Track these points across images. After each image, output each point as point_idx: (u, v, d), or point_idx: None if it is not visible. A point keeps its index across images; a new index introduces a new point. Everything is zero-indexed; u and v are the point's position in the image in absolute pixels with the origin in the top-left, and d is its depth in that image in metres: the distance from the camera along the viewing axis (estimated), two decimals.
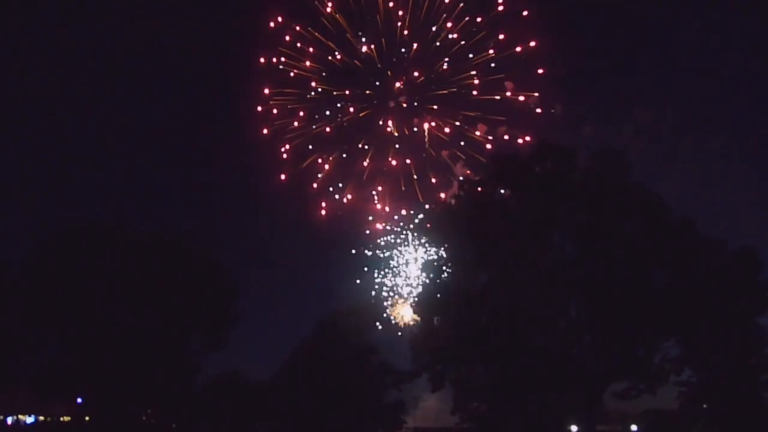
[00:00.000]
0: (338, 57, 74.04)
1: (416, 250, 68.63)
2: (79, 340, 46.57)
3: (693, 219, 41.07)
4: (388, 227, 72.49)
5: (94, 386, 46.94)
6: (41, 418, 58.31)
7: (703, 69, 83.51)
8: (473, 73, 71.82)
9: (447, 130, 73.01)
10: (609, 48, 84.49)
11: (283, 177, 74.66)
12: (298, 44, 74.50)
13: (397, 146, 73.97)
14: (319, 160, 75.08)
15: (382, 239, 72.31)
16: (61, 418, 56.57)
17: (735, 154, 76.12)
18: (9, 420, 57.00)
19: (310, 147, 75.26)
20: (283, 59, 74.53)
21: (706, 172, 72.89)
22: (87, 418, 50.98)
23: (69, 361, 46.83)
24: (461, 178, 57.82)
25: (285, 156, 74.90)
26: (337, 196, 74.58)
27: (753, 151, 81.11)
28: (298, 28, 74.55)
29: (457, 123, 72.75)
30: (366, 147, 74.38)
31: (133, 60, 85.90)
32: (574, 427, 44.97)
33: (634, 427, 52.34)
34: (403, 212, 72.42)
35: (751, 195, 71.42)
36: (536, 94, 70.74)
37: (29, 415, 58.29)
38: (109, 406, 47.78)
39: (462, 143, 72.66)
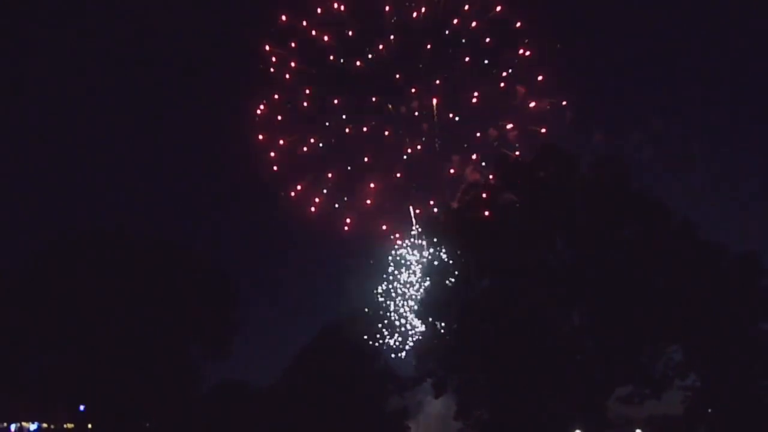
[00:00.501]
0: (342, 61, 69.42)
1: (420, 256, 67.86)
2: (80, 347, 46.56)
3: (695, 224, 41.08)
4: (394, 236, 70.84)
5: (96, 393, 46.89)
6: (44, 425, 58.17)
7: (707, 75, 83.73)
8: (502, 73, 67.44)
9: (465, 146, 68.88)
10: (616, 54, 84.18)
11: (282, 194, 70.23)
12: (293, 44, 69.87)
13: (404, 157, 70.12)
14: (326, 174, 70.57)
15: (386, 245, 71.28)
16: (64, 425, 56.46)
17: (738, 159, 76.13)
18: (12, 427, 56.88)
19: (315, 156, 70.78)
20: (274, 59, 70.01)
21: (710, 177, 72.87)
22: (90, 426, 50.94)
23: (71, 368, 46.84)
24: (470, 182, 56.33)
25: (281, 170, 69.96)
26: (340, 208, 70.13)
27: (757, 155, 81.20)
28: (304, 23, 69.22)
29: (478, 134, 68.82)
30: (373, 160, 69.75)
31: (132, 62, 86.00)
32: None
33: None
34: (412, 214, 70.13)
35: (754, 199, 71.55)
36: (564, 102, 66.77)
37: (32, 422, 58.15)
38: (112, 414, 47.70)
39: (475, 156, 68.43)
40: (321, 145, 71.40)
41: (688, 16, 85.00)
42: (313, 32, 70.38)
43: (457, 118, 69.44)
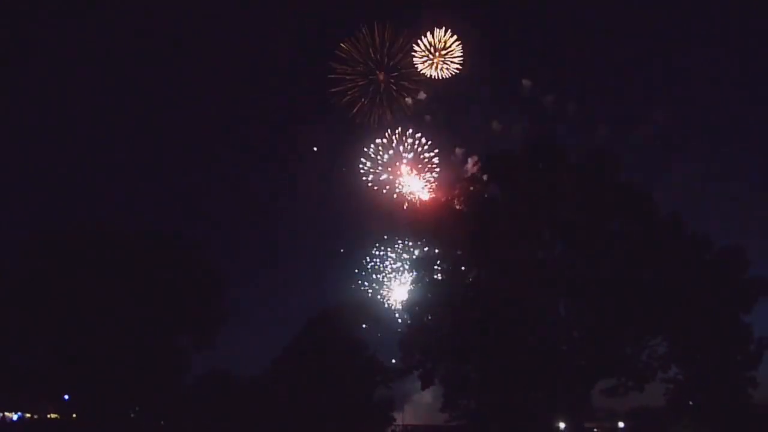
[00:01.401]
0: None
1: (407, 249, 67.87)
2: (67, 339, 46.29)
3: (681, 217, 41.46)
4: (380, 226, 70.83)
5: (82, 384, 46.72)
6: (27, 415, 57.75)
7: (696, 70, 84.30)
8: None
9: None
10: (616, 54, 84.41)
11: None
12: None
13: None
14: None
15: (372, 237, 71.22)
16: (48, 416, 56.11)
17: (726, 153, 77.18)
18: None
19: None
20: None
21: (698, 170, 73.65)
22: (74, 416, 50.71)
23: (57, 359, 46.59)
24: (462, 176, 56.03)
25: None
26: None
27: (744, 149, 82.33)
28: None
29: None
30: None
31: (132, 62, 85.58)
32: (562, 424, 45.33)
33: (621, 424, 52.81)
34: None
35: (740, 192, 72.62)
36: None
37: (15, 413, 57.71)
38: (97, 404, 47.52)
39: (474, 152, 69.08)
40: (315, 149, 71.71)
41: (688, 16, 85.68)
42: None
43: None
